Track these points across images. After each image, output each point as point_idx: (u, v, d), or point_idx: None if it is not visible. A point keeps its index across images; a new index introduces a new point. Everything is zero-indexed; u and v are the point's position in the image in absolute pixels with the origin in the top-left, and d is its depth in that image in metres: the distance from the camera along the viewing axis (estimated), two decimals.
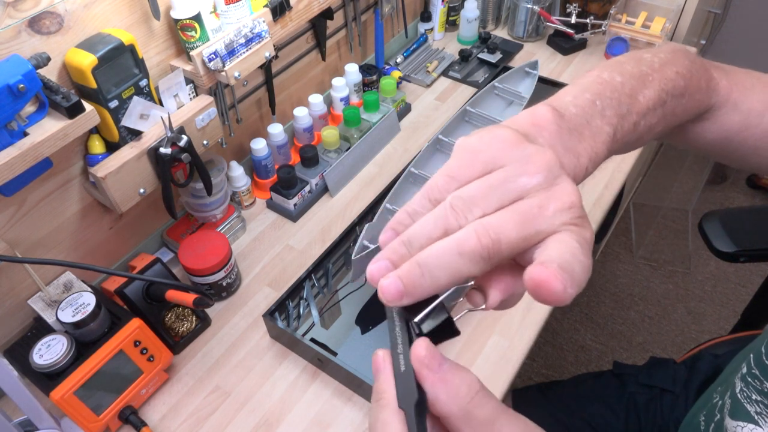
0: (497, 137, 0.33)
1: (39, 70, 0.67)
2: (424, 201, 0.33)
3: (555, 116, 0.36)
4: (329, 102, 1.24)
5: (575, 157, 0.35)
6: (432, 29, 1.45)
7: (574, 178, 0.35)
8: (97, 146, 0.80)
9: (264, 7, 0.90)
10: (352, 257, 0.85)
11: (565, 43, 1.42)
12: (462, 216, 0.30)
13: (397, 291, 0.30)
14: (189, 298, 0.78)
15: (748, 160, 0.53)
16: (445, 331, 0.31)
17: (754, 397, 0.61)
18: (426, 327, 0.31)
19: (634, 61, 0.44)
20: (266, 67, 1.02)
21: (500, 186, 0.31)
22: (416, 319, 0.31)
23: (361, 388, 0.81)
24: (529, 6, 1.40)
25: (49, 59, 0.67)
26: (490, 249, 0.29)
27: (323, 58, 1.18)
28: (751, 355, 0.63)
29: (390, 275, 0.30)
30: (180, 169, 0.87)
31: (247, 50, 0.87)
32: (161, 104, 0.83)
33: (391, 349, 0.32)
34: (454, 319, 0.31)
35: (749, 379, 0.62)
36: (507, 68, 1.28)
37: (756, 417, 0.60)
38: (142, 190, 0.83)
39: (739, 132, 0.51)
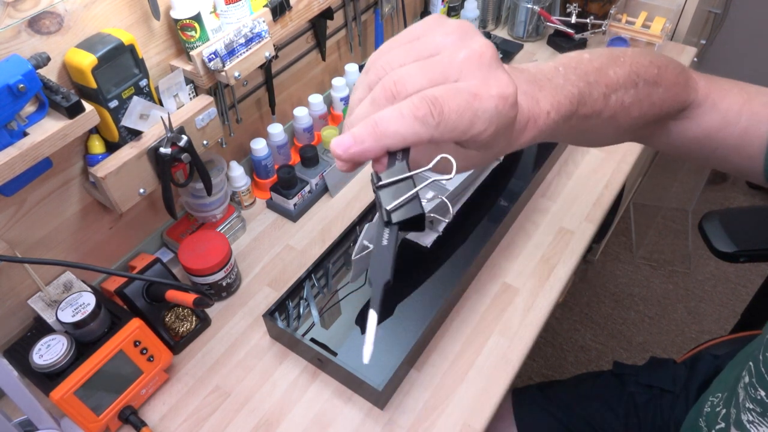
0: (426, 20, 0.37)
1: (39, 70, 0.67)
2: (361, 84, 0.36)
3: (511, 70, 0.39)
4: (329, 102, 1.24)
5: (533, 100, 0.38)
6: None
7: (534, 119, 0.38)
8: (97, 146, 0.80)
9: (264, 7, 0.90)
10: (352, 257, 0.85)
11: (565, 43, 1.42)
12: (387, 69, 0.34)
13: (347, 142, 0.32)
14: (189, 298, 0.78)
15: (730, 161, 0.54)
16: (414, 224, 0.31)
17: (747, 405, 0.61)
18: (396, 217, 0.31)
19: (608, 50, 0.48)
20: (266, 67, 1.02)
21: (416, 43, 0.35)
22: (389, 207, 0.31)
23: (361, 388, 0.81)
24: (529, 6, 1.40)
25: (48, 59, 0.67)
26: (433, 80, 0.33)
27: (323, 58, 1.18)
28: (751, 363, 0.63)
29: (344, 134, 0.33)
30: (180, 169, 0.87)
31: (247, 50, 0.87)
32: (161, 104, 0.83)
33: (377, 222, 0.33)
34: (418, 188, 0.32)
35: (749, 389, 0.62)
36: None
37: (748, 426, 0.60)
38: (142, 190, 0.83)
39: (718, 130, 0.53)
